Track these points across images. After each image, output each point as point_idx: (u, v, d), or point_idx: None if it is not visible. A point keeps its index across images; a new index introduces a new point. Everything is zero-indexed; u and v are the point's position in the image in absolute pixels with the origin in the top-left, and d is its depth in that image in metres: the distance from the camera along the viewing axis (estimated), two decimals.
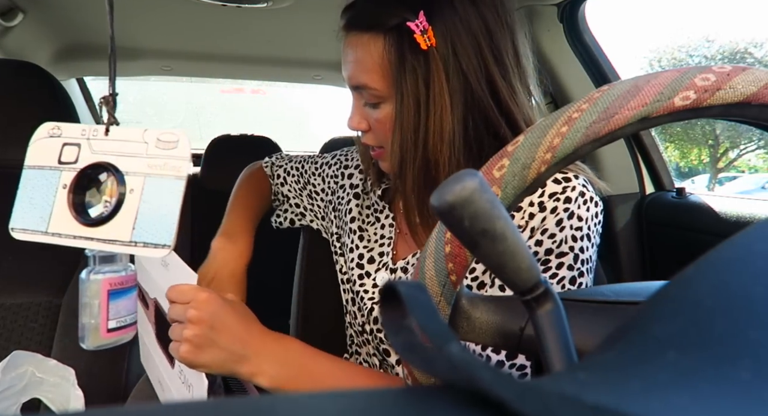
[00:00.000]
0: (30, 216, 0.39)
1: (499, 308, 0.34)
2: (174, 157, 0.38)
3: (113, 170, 0.38)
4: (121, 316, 0.43)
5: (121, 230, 0.38)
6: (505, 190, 0.31)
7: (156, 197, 0.38)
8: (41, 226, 0.39)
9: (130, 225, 0.38)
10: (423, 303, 0.16)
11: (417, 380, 0.34)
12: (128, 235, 0.38)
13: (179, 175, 0.38)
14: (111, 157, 0.39)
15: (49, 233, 0.39)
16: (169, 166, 0.38)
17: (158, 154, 0.39)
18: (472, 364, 0.12)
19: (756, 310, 0.14)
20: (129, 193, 0.38)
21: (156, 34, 1.43)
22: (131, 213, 0.38)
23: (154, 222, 0.38)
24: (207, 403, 0.12)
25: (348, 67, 0.59)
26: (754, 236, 0.18)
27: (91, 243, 0.38)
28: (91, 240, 0.38)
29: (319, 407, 0.12)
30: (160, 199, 0.38)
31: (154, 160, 0.38)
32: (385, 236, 0.72)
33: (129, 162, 0.39)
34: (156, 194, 0.38)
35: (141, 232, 0.38)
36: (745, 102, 0.28)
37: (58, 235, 0.39)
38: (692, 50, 13.63)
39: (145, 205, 0.38)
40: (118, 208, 0.38)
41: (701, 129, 12.87)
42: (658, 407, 0.12)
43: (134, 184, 0.38)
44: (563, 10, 1.19)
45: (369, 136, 0.63)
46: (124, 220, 0.38)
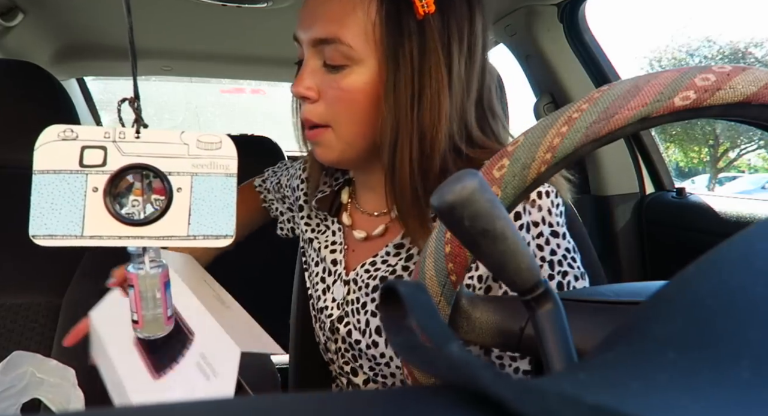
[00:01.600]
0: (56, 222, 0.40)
1: (499, 308, 0.34)
2: (221, 156, 0.41)
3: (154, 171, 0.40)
4: (171, 305, 0.46)
5: (176, 226, 0.40)
6: (505, 189, 0.31)
7: (208, 193, 0.40)
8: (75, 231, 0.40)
9: (185, 221, 0.40)
10: (423, 303, 0.16)
11: (417, 380, 0.34)
12: (185, 230, 0.40)
13: (229, 173, 0.41)
14: (147, 158, 0.41)
15: (86, 236, 0.40)
16: (217, 164, 0.41)
17: (201, 155, 0.41)
18: (472, 364, 0.12)
19: (756, 310, 0.14)
20: (177, 191, 0.40)
21: (156, 34, 1.43)
22: (183, 210, 0.40)
23: (210, 216, 0.40)
24: (207, 403, 0.12)
25: (315, 17, 0.50)
26: (754, 236, 0.18)
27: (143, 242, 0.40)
28: (141, 238, 0.40)
29: (320, 407, 0.12)
30: (213, 194, 0.40)
31: (198, 159, 0.41)
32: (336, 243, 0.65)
33: (170, 162, 0.41)
34: (207, 191, 0.40)
35: (197, 226, 0.40)
36: (745, 102, 0.28)
37: (98, 237, 0.40)
38: (693, 50, 13.63)
39: (197, 201, 0.40)
40: (168, 206, 0.40)
41: (701, 129, 12.87)
42: (658, 407, 0.12)
43: (181, 182, 0.40)
44: (563, 10, 1.19)
45: (316, 108, 0.52)
46: (177, 217, 0.40)
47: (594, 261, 0.99)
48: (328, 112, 0.52)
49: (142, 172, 0.40)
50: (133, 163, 0.40)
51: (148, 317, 0.44)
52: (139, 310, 0.44)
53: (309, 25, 0.51)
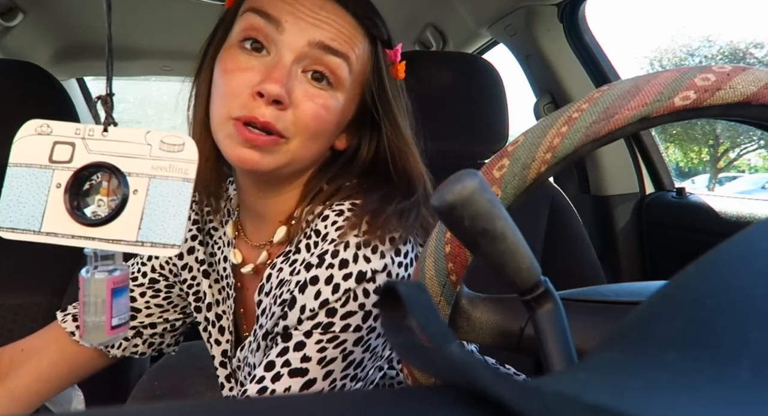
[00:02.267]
0: (19, 215, 0.40)
1: (499, 308, 0.35)
2: (180, 160, 0.39)
3: (114, 170, 0.39)
4: (121, 314, 0.43)
5: (126, 230, 0.38)
6: (505, 189, 0.31)
7: (162, 198, 0.38)
8: (33, 225, 0.39)
9: (136, 226, 0.38)
10: (423, 303, 0.16)
11: (417, 380, 0.34)
12: (134, 235, 0.38)
13: (186, 178, 0.38)
14: (111, 157, 0.40)
15: (42, 232, 0.39)
16: (176, 168, 0.39)
17: (162, 156, 0.39)
18: (472, 364, 0.12)
19: (756, 310, 0.14)
20: (132, 193, 0.39)
21: (156, 34, 1.43)
22: (136, 214, 0.38)
23: (161, 223, 0.38)
24: (207, 403, 0.12)
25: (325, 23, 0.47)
26: (754, 236, 0.18)
27: (93, 243, 0.39)
28: (92, 239, 0.39)
29: (320, 407, 0.12)
30: (167, 200, 0.38)
31: (158, 161, 0.39)
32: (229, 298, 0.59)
33: (131, 162, 0.39)
34: (162, 195, 0.38)
35: (147, 232, 0.38)
36: (745, 102, 0.28)
37: (53, 235, 0.39)
38: (693, 50, 13.64)
39: (150, 206, 0.38)
40: (121, 208, 0.38)
41: (701, 129, 12.87)
42: (658, 407, 0.12)
43: (138, 184, 0.39)
44: (563, 10, 1.19)
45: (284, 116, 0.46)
46: (129, 221, 0.38)
47: (594, 261, 0.99)
48: (295, 123, 0.47)
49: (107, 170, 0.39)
50: (96, 161, 0.39)
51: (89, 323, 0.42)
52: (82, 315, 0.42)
53: (314, 21, 0.46)
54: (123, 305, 0.43)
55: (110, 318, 0.42)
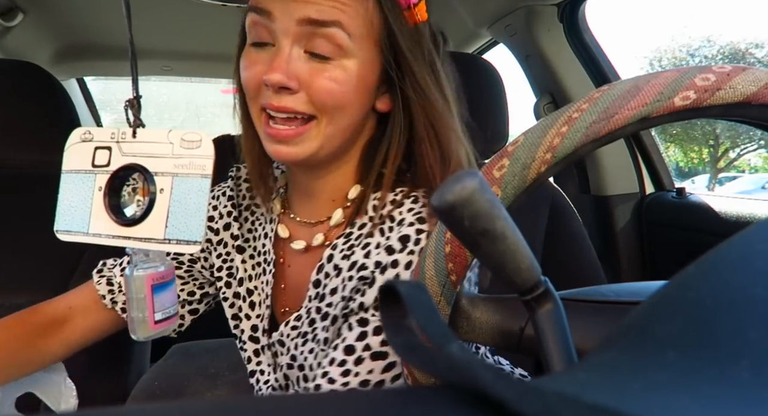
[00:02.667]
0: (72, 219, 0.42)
1: (499, 308, 0.35)
2: (198, 156, 0.40)
3: (143, 171, 0.40)
4: (165, 308, 0.44)
5: (155, 228, 0.40)
6: (505, 189, 0.31)
7: (184, 196, 0.39)
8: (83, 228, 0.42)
9: (163, 224, 0.39)
10: (423, 303, 0.16)
11: (417, 380, 0.34)
12: (162, 233, 0.39)
13: (204, 174, 0.39)
14: (140, 158, 0.41)
15: (90, 234, 0.42)
16: (195, 164, 0.40)
17: (183, 154, 0.40)
18: (472, 364, 0.12)
19: (756, 310, 0.14)
20: (159, 192, 0.40)
21: (156, 34, 1.43)
22: (163, 212, 0.40)
23: (184, 220, 0.39)
24: (206, 403, 0.12)
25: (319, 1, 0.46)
26: (754, 236, 0.18)
27: (129, 242, 0.40)
28: (128, 239, 0.40)
29: (320, 407, 0.12)
30: (188, 197, 0.39)
31: (179, 159, 0.40)
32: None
33: (157, 162, 0.40)
34: (184, 193, 0.39)
35: (173, 230, 0.39)
36: (745, 102, 0.28)
37: (98, 236, 0.41)
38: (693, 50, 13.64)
39: (175, 204, 0.39)
40: (150, 207, 0.40)
41: (701, 129, 12.87)
42: (658, 407, 0.12)
43: (164, 183, 0.40)
44: (563, 10, 1.19)
45: (299, 98, 0.47)
46: (157, 219, 0.40)
47: (594, 261, 0.99)
48: (312, 103, 0.47)
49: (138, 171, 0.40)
50: (128, 163, 0.41)
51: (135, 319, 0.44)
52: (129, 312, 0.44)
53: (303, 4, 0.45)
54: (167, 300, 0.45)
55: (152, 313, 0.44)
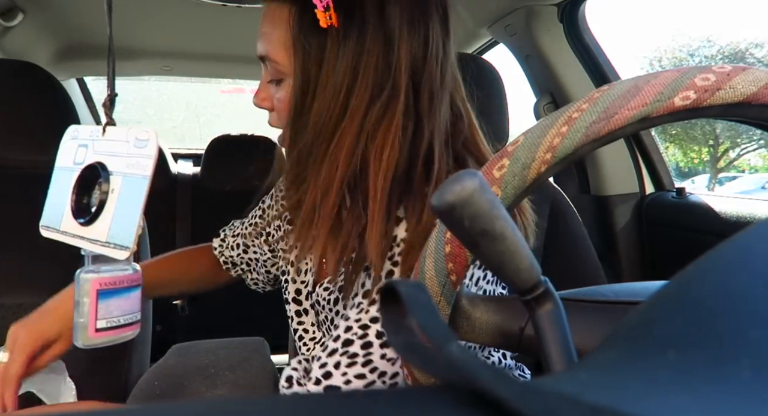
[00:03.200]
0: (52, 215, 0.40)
1: (499, 308, 0.34)
2: (143, 156, 0.38)
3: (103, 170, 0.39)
4: (112, 316, 0.41)
5: (102, 230, 0.38)
6: (505, 190, 0.31)
7: (126, 198, 0.38)
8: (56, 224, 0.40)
9: (108, 226, 0.38)
10: (423, 303, 0.16)
11: (417, 380, 0.34)
12: (105, 235, 0.37)
13: (145, 174, 0.38)
14: (104, 156, 0.40)
15: (60, 231, 0.40)
16: (140, 164, 0.38)
17: (133, 153, 0.39)
18: (472, 364, 0.12)
19: (756, 310, 0.14)
20: (111, 192, 0.38)
21: (156, 34, 1.43)
22: (110, 214, 0.38)
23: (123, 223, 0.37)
24: (206, 403, 0.12)
25: (258, 37, 0.54)
26: (754, 236, 0.18)
27: (83, 243, 0.39)
28: (83, 239, 0.39)
29: (320, 407, 0.12)
30: (129, 199, 0.38)
31: (130, 158, 0.39)
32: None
33: (114, 161, 0.39)
34: (127, 195, 0.38)
35: (114, 233, 0.37)
36: (745, 102, 0.28)
37: (64, 233, 0.40)
38: (693, 50, 13.63)
39: (119, 207, 0.38)
40: (101, 208, 0.38)
41: (701, 129, 12.87)
42: (658, 407, 0.12)
43: (115, 183, 0.39)
44: (563, 10, 1.19)
45: (273, 116, 0.58)
46: (105, 220, 0.38)
47: (594, 261, 0.99)
48: (279, 119, 0.56)
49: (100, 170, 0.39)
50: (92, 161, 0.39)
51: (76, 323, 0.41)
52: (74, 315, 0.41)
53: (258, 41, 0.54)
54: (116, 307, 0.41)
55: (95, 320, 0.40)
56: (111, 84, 0.40)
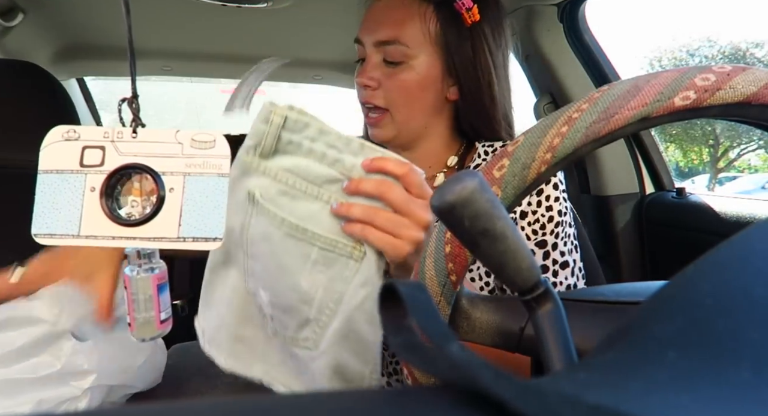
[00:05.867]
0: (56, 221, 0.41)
1: (499, 308, 0.34)
2: (214, 156, 0.40)
3: (148, 171, 0.40)
4: (167, 308, 0.45)
5: (167, 227, 0.39)
6: (505, 189, 0.31)
7: (200, 194, 0.40)
8: (72, 230, 0.40)
9: (176, 223, 0.40)
10: (423, 303, 0.16)
11: (417, 380, 0.34)
12: (175, 232, 0.39)
13: (221, 173, 0.40)
14: (143, 158, 0.41)
15: (81, 236, 0.41)
16: (210, 164, 0.40)
17: (195, 154, 0.40)
18: (472, 364, 0.12)
19: (756, 310, 0.14)
20: (169, 192, 0.40)
21: (156, 34, 1.43)
22: (175, 211, 0.40)
23: (201, 218, 0.39)
24: (206, 403, 0.12)
25: (378, 23, 0.64)
26: (754, 236, 0.18)
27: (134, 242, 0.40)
28: (133, 239, 0.40)
29: (319, 407, 0.12)
30: (204, 195, 0.40)
31: (191, 159, 0.40)
32: None
33: (164, 162, 0.40)
34: (199, 191, 0.40)
35: (188, 228, 0.39)
36: (745, 102, 0.28)
37: (92, 237, 0.40)
38: (693, 50, 13.62)
39: (188, 203, 0.40)
40: (159, 207, 0.40)
41: (701, 129, 12.86)
42: (658, 407, 0.12)
43: (173, 183, 0.40)
44: (563, 10, 1.19)
45: (376, 94, 0.65)
46: (169, 218, 0.40)
47: (594, 261, 0.99)
48: (386, 97, 0.64)
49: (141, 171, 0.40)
50: (128, 162, 0.40)
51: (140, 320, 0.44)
52: (131, 312, 0.44)
53: (372, 29, 0.64)
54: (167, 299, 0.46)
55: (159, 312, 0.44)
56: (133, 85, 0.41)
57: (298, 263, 0.46)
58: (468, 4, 0.63)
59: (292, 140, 0.46)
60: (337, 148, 0.45)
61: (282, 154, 0.47)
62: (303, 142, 0.46)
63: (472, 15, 0.63)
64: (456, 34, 0.63)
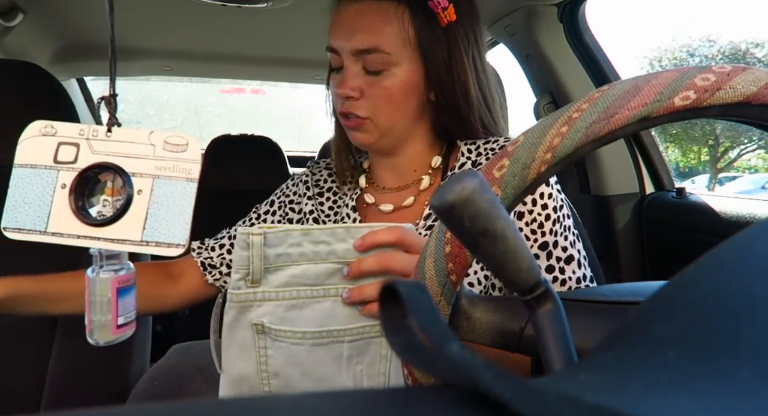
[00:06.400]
0: (25, 216, 0.40)
1: (499, 308, 0.35)
2: (184, 160, 0.40)
3: (118, 171, 0.39)
4: (127, 312, 0.44)
5: (131, 230, 0.39)
6: (505, 189, 0.31)
7: (167, 198, 0.39)
8: (39, 226, 0.40)
9: (140, 225, 0.39)
10: (423, 303, 0.16)
11: (417, 380, 0.34)
12: (139, 235, 0.39)
13: (191, 178, 0.39)
14: (115, 157, 0.40)
15: (48, 233, 0.40)
16: (180, 168, 0.39)
17: (166, 156, 0.39)
18: (473, 364, 0.12)
19: (756, 310, 0.14)
20: (137, 193, 0.39)
21: (156, 34, 1.43)
22: (140, 214, 0.39)
23: (166, 223, 0.39)
24: (206, 403, 0.12)
25: (353, 30, 0.60)
26: (754, 236, 0.18)
27: (98, 243, 0.39)
28: (97, 239, 0.39)
29: (319, 406, 0.12)
30: (171, 200, 0.39)
31: (162, 161, 0.39)
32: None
33: (135, 163, 0.40)
34: (166, 195, 0.39)
35: (152, 232, 0.39)
36: (745, 102, 0.28)
37: (59, 235, 0.39)
38: (693, 50, 13.62)
39: (155, 206, 0.39)
40: (126, 208, 0.39)
41: (701, 129, 12.86)
42: (658, 407, 0.12)
43: (142, 185, 0.39)
44: (563, 10, 1.19)
45: (359, 104, 0.62)
46: (134, 220, 0.39)
47: (594, 261, 0.99)
48: (369, 107, 0.62)
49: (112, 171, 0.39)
50: (100, 161, 0.39)
51: (95, 322, 0.42)
52: (88, 314, 0.42)
53: (348, 37, 0.61)
54: (129, 304, 0.44)
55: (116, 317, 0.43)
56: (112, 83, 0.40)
57: (334, 368, 0.46)
58: (444, 3, 0.61)
59: (279, 253, 0.45)
60: (325, 242, 0.45)
61: (273, 272, 0.46)
62: (290, 251, 0.45)
63: (448, 15, 0.61)
64: (430, 34, 0.61)
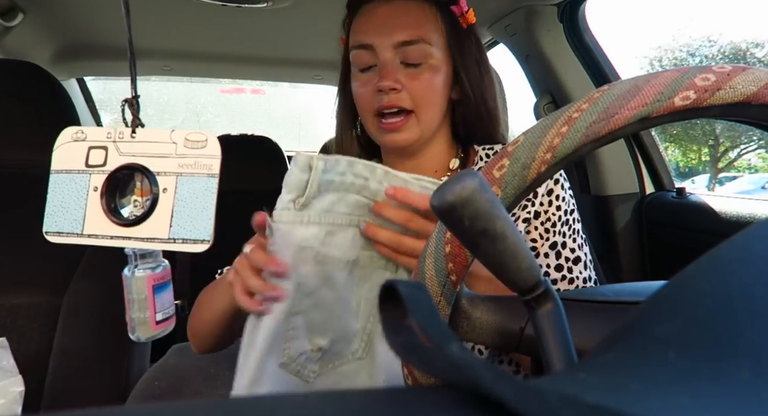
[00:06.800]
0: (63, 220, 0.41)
1: (499, 308, 0.34)
2: (205, 156, 0.40)
3: (144, 171, 0.40)
4: (165, 308, 0.45)
5: (159, 228, 0.40)
6: (505, 189, 0.31)
7: (190, 195, 0.40)
8: (76, 229, 0.41)
9: (167, 223, 0.40)
10: (423, 303, 0.16)
11: (417, 380, 0.34)
12: (166, 233, 0.40)
13: (211, 173, 0.40)
14: (140, 158, 0.41)
15: (84, 235, 0.41)
16: (200, 164, 0.40)
17: (187, 153, 0.40)
18: (473, 364, 0.12)
19: (756, 310, 0.14)
20: (162, 192, 0.40)
21: (156, 34, 1.43)
22: (167, 212, 0.40)
23: (191, 219, 0.39)
24: (206, 403, 0.12)
25: (395, 25, 0.63)
26: (754, 236, 0.18)
27: (129, 242, 0.40)
28: (128, 239, 0.40)
29: (319, 407, 0.12)
30: (194, 196, 0.40)
31: (184, 159, 0.40)
32: None
33: (159, 162, 0.41)
34: (190, 192, 0.40)
35: (178, 229, 0.39)
36: (745, 102, 0.28)
37: (94, 236, 0.41)
38: (693, 50, 13.62)
39: (180, 203, 0.40)
40: (153, 207, 0.40)
41: (701, 129, 12.86)
42: (658, 407, 0.12)
43: (167, 183, 0.40)
44: (563, 10, 1.19)
45: (401, 96, 0.63)
46: (161, 219, 0.40)
47: (594, 261, 0.99)
48: (412, 99, 0.63)
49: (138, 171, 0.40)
50: (127, 163, 0.40)
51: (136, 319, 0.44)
52: (128, 312, 0.44)
53: (388, 32, 0.63)
54: (166, 300, 0.46)
55: (154, 313, 0.45)
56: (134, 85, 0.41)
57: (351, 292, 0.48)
58: (464, 7, 0.66)
59: (329, 179, 0.46)
60: (364, 176, 0.47)
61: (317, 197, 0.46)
62: (334, 178, 0.46)
63: (468, 17, 0.66)
64: (457, 34, 0.65)
